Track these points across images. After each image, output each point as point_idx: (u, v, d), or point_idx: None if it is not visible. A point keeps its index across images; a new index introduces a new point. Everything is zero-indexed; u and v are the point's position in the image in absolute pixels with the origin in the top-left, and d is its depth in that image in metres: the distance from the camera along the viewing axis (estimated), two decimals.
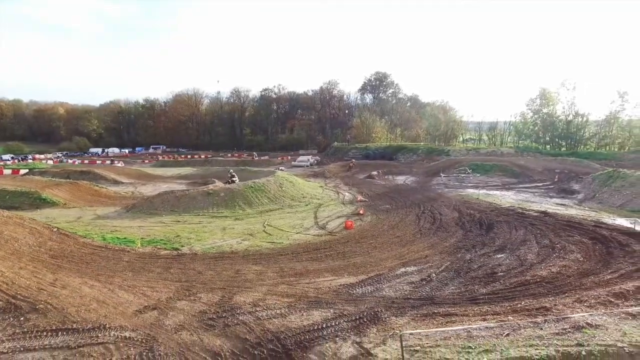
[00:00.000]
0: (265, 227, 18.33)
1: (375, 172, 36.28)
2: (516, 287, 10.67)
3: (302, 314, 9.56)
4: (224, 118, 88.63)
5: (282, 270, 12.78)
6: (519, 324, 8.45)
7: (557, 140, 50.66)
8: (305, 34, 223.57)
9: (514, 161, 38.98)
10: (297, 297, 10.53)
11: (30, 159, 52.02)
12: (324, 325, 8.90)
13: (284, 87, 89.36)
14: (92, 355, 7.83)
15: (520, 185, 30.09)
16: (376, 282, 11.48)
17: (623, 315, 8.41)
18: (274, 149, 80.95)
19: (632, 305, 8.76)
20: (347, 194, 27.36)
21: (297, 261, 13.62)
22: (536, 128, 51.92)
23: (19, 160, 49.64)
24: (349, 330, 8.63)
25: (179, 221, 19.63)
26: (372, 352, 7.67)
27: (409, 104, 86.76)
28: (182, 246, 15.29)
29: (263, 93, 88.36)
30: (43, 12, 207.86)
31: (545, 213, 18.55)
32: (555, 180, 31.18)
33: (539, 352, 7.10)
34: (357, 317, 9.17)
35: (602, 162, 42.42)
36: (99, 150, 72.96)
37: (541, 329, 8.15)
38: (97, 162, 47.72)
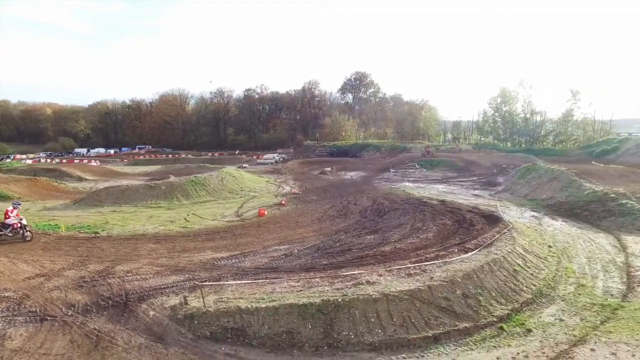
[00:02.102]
0: (188, 215, 20.35)
1: (328, 169, 38.21)
2: (353, 259, 12.60)
3: (161, 278, 11.53)
4: (209, 118, 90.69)
5: (174, 247, 14.77)
6: (317, 282, 10.43)
7: (515, 137, 52.71)
8: (293, 35, 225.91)
9: (465, 157, 40.85)
10: (168, 267, 12.51)
11: (11, 158, 54.19)
12: (171, 285, 10.87)
13: (267, 87, 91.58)
14: None
15: (457, 179, 31.98)
16: (243, 256, 13.45)
17: (402, 275, 10.37)
18: (256, 148, 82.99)
19: (415, 268, 10.70)
20: (287, 187, 29.38)
21: (193, 241, 15.63)
22: (496, 125, 53.87)
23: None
24: (187, 289, 10.59)
25: (115, 211, 21.64)
26: (189, 302, 9.62)
27: (392, 103, 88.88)
28: (103, 230, 17.28)
29: (246, 93, 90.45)
30: (34, 12, 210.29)
31: (442, 202, 20.48)
32: (494, 173, 33.08)
33: (307, 300, 9.07)
34: (202, 280, 11.13)
35: (552, 158, 44.25)
36: (84, 150, 75.08)
37: (331, 285, 10.12)
38: (75, 161, 49.85)
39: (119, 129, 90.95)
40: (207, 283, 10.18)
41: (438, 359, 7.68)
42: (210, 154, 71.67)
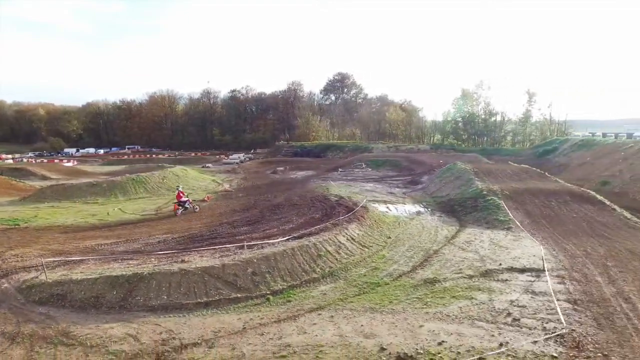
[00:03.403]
0: (113, 210, 22.71)
1: (281, 168, 40.38)
2: (207, 245, 14.73)
3: (39, 259, 13.76)
4: (196, 118, 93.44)
5: (74, 236, 17.09)
6: (152, 261, 12.62)
7: (474, 137, 54.21)
8: (288, 35, 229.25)
9: (415, 157, 42.57)
10: (53, 251, 14.79)
11: None
12: (38, 265, 13.14)
13: (252, 89, 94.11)
14: None
15: (392, 178, 33.76)
16: (123, 243, 15.72)
17: (217, 256, 12.52)
18: (241, 148, 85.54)
19: (231, 250, 12.83)
20: (226, 185, 31.66)
21: (95, 231, 18.00)
22: (457, 126, 55.39)
23: None
24: (52, 267, 12.85)
25: (52, 206, 24.10)
26: (40, 278, 11.89)
27: (378, 104, 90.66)
28: (25, 223, 19.70)
29: (232, 94, 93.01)
30: (34, 12, 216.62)
31: (339, 199, 22.43)
32: (422, 173, 34.81)
33: (122, 272, 11.26)
34: (70, 261, 13.39)
35: (505, 157, 45.90)
36: (73, 150, 78.39)
37: (157, 262, 12.31)
38: (55, 161, 52.88)
39: (110, 129, 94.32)
40: (52, 259, 12.45)
41: (194, 318, 9.81)
42: (193, 154, 74.50)
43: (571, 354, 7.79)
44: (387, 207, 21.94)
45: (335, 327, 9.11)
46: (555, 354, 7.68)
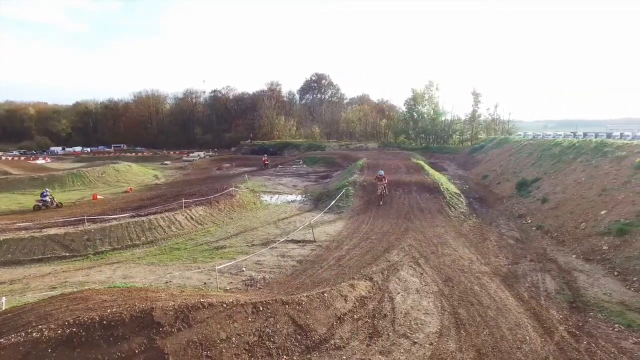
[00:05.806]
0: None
1: (227, 165, 44.05)
2: (82, 221, 18.45)
3: None
4: (179, 118, 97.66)
5: None
6: (23, 233, 16.33)
7: (422, 135, 57.10)
8: (272, 38, 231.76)
9: (353, 155, 45.68)
10: None
11: None
12: None
13: (233, 89, 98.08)
14: None
15: (316, 174, 37.00)
16: (23, 222, 19.44)
17: (73, 229, 16.17)
18: (221, 147, 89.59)
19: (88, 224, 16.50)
20: (163, 180, 35.45)
21: (8, 214, 21.81)
22: (408, 125, 58.29)
23: None
24: None
25: None
26: None
27: (357, 103, 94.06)
28: None
29: (213, 94, 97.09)
30: (33, 12, 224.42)
31: (238, 188, 25.97)
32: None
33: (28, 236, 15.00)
34: None
35: (445, 154, 49.03)
36: (59, 149, 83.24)
37: (25, 232, 16.02)
38: (31, 159, 57.40)
39: (98, 128, 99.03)
40: None
41: (21, 268, 13.50)
42: (171, 152, 78.80)
43: (240, 288, 11.27)
44: (271, 197, 25.47)
45: (111, 273, 12.71)
46: (228, 288, 11.16)
